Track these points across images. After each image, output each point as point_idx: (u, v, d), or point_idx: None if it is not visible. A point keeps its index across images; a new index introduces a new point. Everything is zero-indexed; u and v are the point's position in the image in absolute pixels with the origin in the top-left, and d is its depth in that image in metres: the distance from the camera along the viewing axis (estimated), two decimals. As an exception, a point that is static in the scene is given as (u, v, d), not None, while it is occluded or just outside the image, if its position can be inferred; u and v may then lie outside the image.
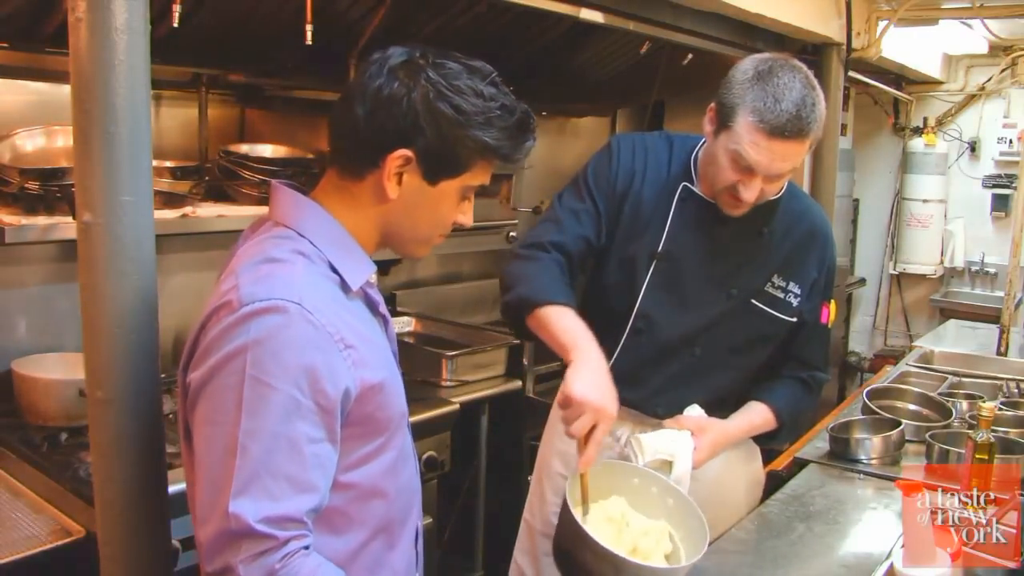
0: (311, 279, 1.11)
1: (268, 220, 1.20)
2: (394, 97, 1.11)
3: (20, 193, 1.99)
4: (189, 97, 2.66)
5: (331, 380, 1.07)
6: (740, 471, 1.90)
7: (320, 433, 1.06)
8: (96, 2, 1.20)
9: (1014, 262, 3.40)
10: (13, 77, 2.28)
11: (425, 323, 3.32)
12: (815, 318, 1.83)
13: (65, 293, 2.38)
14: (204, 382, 1.06)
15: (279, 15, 2.36)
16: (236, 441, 1.02)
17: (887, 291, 5.75)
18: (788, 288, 1.77)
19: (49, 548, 1.65)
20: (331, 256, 1.15)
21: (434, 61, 1.13)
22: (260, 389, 1.02)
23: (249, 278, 1.08)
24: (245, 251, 1.16)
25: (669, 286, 1.74)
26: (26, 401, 2.18)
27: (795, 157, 1.58)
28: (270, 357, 1.03)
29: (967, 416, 2.35)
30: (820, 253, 1.81)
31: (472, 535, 2.86)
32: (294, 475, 1.04)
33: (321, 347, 1.06)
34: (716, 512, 1.78)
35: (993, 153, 5.29)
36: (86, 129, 1.23)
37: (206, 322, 1.09)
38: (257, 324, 1.04)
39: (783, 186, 1.72)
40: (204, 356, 1.07)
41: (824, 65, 3.84)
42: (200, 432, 1.08)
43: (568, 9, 2.54)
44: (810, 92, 1.56)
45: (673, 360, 1.76)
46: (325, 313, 1.08)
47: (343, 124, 1.16)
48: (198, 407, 1.08)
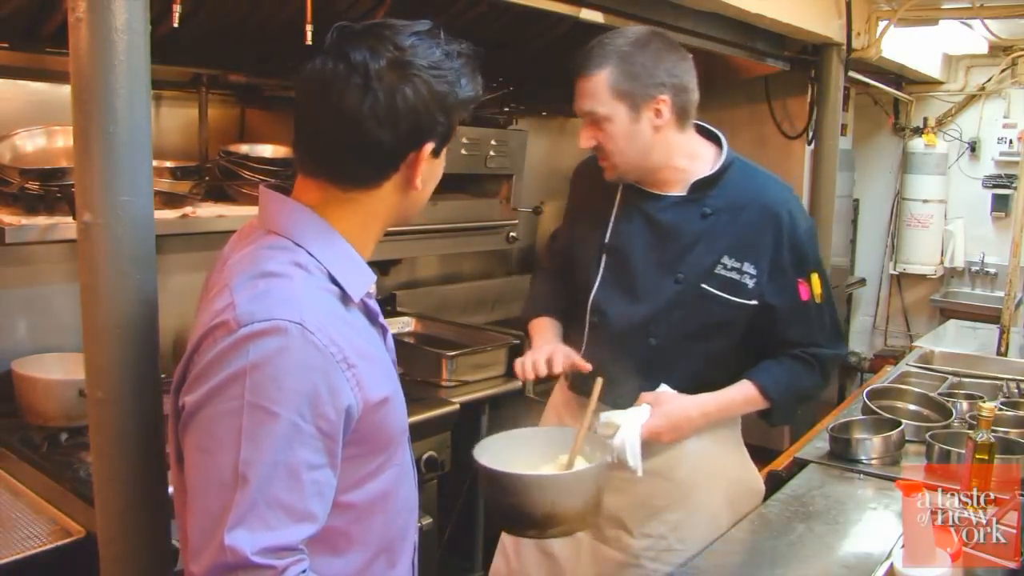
0: (311, 293, 1.06)
1: (259, 227, 1.14)
2: (409, 104, 1.07)
3: (20, 193, 1.99)
4: (189, 97, 2.65)
5: (333, 403, 1.02)
6: (719, 476, 1.85)
7: (320, 459, 1.02)
8: (96, 2, 1.20)
9: (1014, 262, 3.40)
10: (13, 77, 2.28)
11: (425, 323, 3.32)
12: (791, 298, 1.75)
13: (65, 293, 2.38)
14: (199, 407, 1.01)
15: (279, 15, 2.36)
16: (234, 471, 0.97)
17: (887, 291, 5.75)
18: (743, 269, 1.72)
19: (49, 548, 1.65)
20: (330, 266, 1.10)
21: (400, 46, 1.07)
22: (260, 416, 0.98)
23: (245, 295, 1.03)
24: (237, 263, 1.10)
25: (619, 278, 1.78)
26: (26, 401, 2.18)
27: (589, 95, 1.66)
28: (270, 382, 0.98)
29: (967, 416, 2.34)
30: (777, 230, 1.73)
31: (472, 535, 2.86)
32: (292, 505, 0.99)
33: (323, 369, 1.02)
34: (688, 515, 1.80)
35: (993, 153, 5.29)
36: (86, 129, 1.23)
37: (200, 342, 1.03)
38: (256, 347, 0.98)
39: (621, 144, 1.68)
40: (200, 380, 1.01)
41: (824, 65, 3.85)
42: (194, 460, 1.02)
43: (568, 9, 2.54)
44: (619, 38, 1.67)
45: (631, 351, 1.76)
46: (327, 331, 1.03)
47: (344, 143, 1.08)
48: (192, 433, 1.02)
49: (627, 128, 1.66)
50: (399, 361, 1.29)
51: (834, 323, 1.85)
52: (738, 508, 1.88)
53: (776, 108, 4.47)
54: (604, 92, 1.65)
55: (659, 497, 1.80)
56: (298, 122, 1.12)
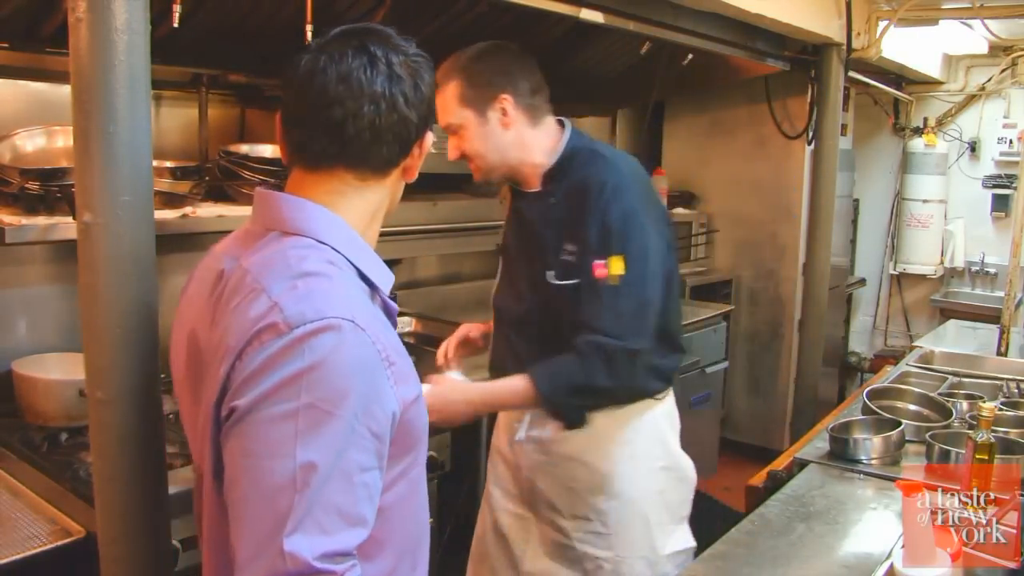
0: (351, 291, 1.05)
1: (263, 230, 1.11)
2: (427, 90, 1.13)
3: (20, 193, 1.99)
4: (189, 97, 2.66)
5: (381, 403, 1.01)
6: (639, 465, 1.92)
7: (371, 461, 1.00)
8: (96, 2, 1.20)
9: (1014, 262, 3.39)
10: (13, 77, 2.28)
11: (425, 323, 3.32)
12: (586, 275, 1.74)
13: (65, 293, 2.38)
14: (248, 411, 0.97)
15: (279, 15, 2.36)
16: (291, 476, 0.94)
17: (887, 291, 5.75)
18: (576, 253, 1.77)
19: (49, 548, 1.65)
20: (358, 262, 1.09)
21: (394, 44, 1.12)
22: (317, 417, 0.95)
23: (290, 297, 1.00)
24: (261, 267, 1.05)
25: (508, 277, 1.96)
26: (26, 401, 2.18)
27: (443, 109, 1.78)
28: (327, 382, 0.96)
29: (967, 416, 2.34)
30: (593, 205, 1.74)
31: (472, 535, 2.86)
32: (346, 508, 0.97)
33: (373, 368, 1.00)
34: (608, 500, 1.91)
35: (993, 153, 5.29)
36: (86, 129, 1.23)
37: (243, 350, 0.99)
38: (312, 346, 0.96)
39: (478, 147, 1.81)
40: (248, 385, 0.97)
41: (824, 65, 3.85)
42: (244, 466, 0.98)
43: (568, 9, 2.54)
44: (463, 54, 1.80)
45: (520, 345, 1.89)
46: (374, 328, 1.02)
47: (378, 123, 1.08)
48: (241, 439, 0.98)
49: (478, 131, 1.79)
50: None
51: (635, 314, 1.74)
52: (670, 498, 1.98)
53: (776, 108, 4.47)
54: (453, 103, 1.79)
55: (579, 481, 1.91)
56: (312, 112, 1.08)
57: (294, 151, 1.13)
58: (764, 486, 2.05)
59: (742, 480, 2.16)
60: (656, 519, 1.95)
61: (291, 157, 1.14)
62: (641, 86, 3.82)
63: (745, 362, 4.71)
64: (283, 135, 1.14)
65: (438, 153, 2.91)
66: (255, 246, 1.10)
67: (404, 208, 3.26)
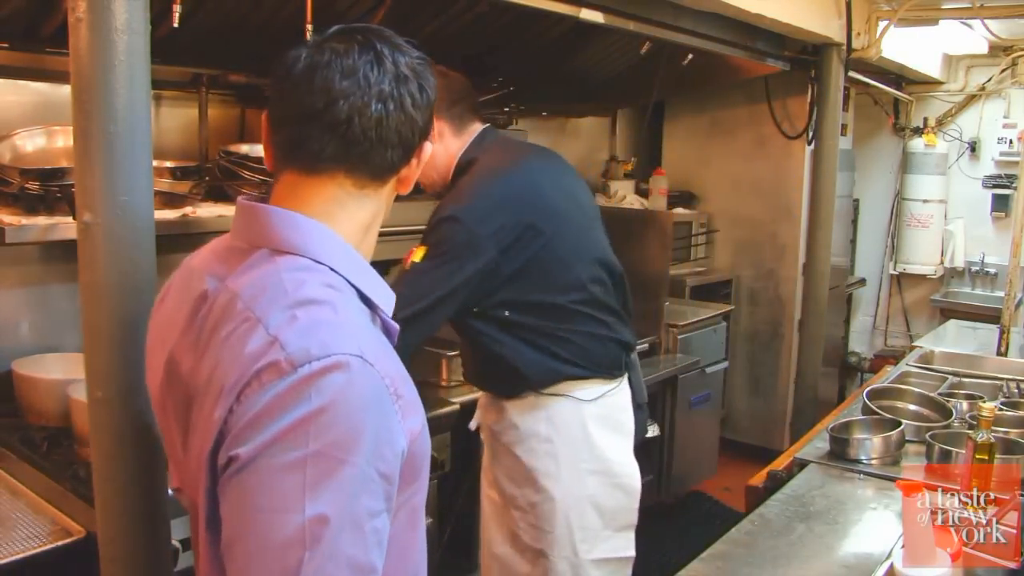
0: (356, 319, 0.96)
1: (249, 245, 1.02)
2: (431, 93, 1.07)
3: (20, 193, 1.99)
4: (189, 97, 2.66)
5: (391, 443, 0.92)
6: (568, 466, 1.94)
7: (380, 504, 0.92)
8: (96, 2, 1.20)
9: (1014, 262, 3.40)
10: (13, 77, 2.28)
11: (425, 323, 3.31)
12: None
13: (65, 293, 2.38)
14: (251, 461, 0.88)
15: (279, 15, 2.36)
16: (300, 530, 0.86)
17: (887, 291, 5.75)
18: None
19: (49, 548, 1.65)
20: (358, 282, 1.00)
21: (397, 44, 1.05)
22: (327, 465, 0.87)
23: (290, 329, 0.91)
24: (253, 292, 0.96)
25: None
26: (26, 401, 2.18)
27: None
28: (337, 426, 0.87)
29: (967, 416, 2.34)
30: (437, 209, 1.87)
31: (472, 535, 2.86)
32: (357, 559, 0.89)
33: (382, 406, 0.92)
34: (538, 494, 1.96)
35: (993, 153, 5.29)
36: (86, 129, 1.23)
37: (242, 391, 0.89)
38: (319, 388, 0.87)
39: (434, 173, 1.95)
40: (250, 431, 0.88)
41: (824, 65, 3.85)
42: (247, 520, 0.89)
43: (568, 9, 2.54)
44: None
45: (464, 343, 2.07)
46: (381, 361, 0.93)
47: (384, 123, 1.01)
48: (243, 491, 0.89)
49: None
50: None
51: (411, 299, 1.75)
52: (603, 503, 1.97)
53: (776, 108, 4.47)
54: None
55: (515, 472, 1.98)
56: (313, 108, 1.00)
57: (287, 152, 1.03)
58: (764, 486, 2.05)
59: (742, 480, 2.16)
60: (580, 522, 1.94)
61: (282, 160, 1.04)
62: (641, 86, 3.82)
63: (745, 362, 4.71)
64: (272, 136, 1.05)
65: (438, 153, 2.92)
66: (242, 266, 1.00)
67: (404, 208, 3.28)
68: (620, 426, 2.02)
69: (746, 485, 2.10)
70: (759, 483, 2.08)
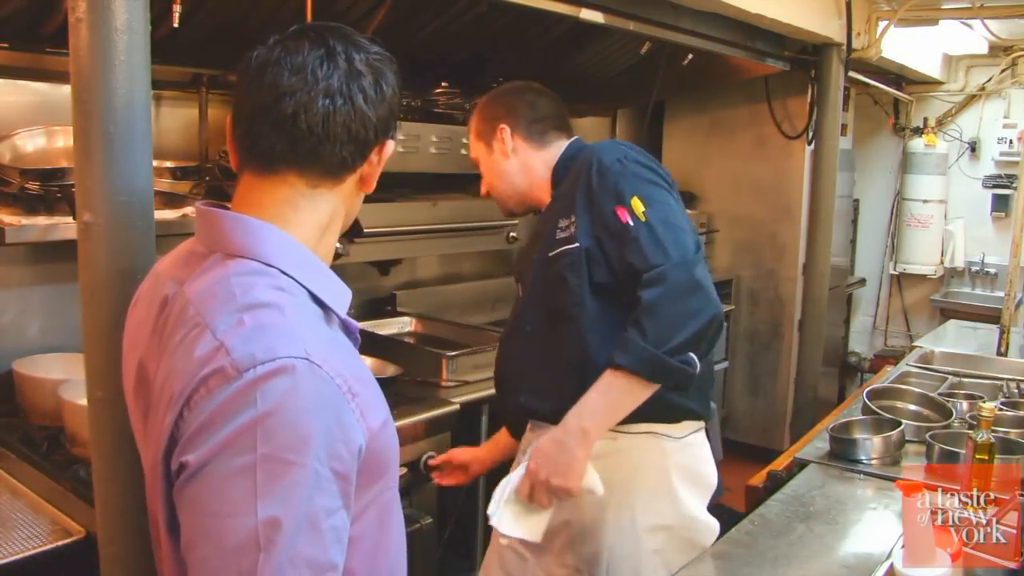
0: (305, 320, 0.96)
1: (207, 251, 1.02)
2: (390, 90, 1.06)
3: (20, 193, 1.99)
4: (189, 97, 2.66)
5: (345, 441, 0.92)
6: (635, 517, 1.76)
7: (336, 502, 0.92)
8: (96, 2, 1.20)
9: (1014, 262, 3.39)
10: (13, 77, 2.29)
11: (425, 323, 3.32)
12: (611, 225, 1.66)
13: (65, 293, 2.38)
14: (200, 467, 0.88)
15: (279, 15, 2.36)
16: (254, 533, 0.86)
17: (887, 291, 5.76)
18: (570, 223, 1.72)
19: (49, 548, 1.65)
20: (310, 284, 1.00)
21: (355, 40, 1.05)
22: (277, 469, 0.87)
23: (235, 334, 0.90)
24: (203, 297, 0.96)
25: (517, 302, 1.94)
26: (27, 401, 2.18)
27: (470, 146, 1.95)
28: (284, 429, 0.87)
29: (967, 416, 2.34)
30: (584, 176, 1.72)
31: (472, 535, 2.86)
32: (315, 558, 0.89)
33: (333, 405, 0.92)
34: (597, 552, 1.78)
35: (993, 153, 5.30)
36: (86, 129, 1.23)
37: (190, 397, 0.90)
38: (264, 392, 0.87)
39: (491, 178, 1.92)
40: (199, 437, 0.88)
41: (824, 65, 3.85)
42: (201, 525, 0.89)
43: (568, 9, 2.54)
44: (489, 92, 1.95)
45: (519, 344, 1.87)
46: (330, 361, 0.92)
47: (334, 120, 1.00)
48: (196, 497, 0.89)
49: (488, 161, 1.91)
50: (398, 362, 1.28)
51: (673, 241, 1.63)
52: (670, 559, 1.76)
53: (776, 108, 4.47)
54: (471, 138, 1.94)
55: (571, 527, 1.79)
56: (262, 106, 1.00)
57: (244, 153, 1.03)
58: (764, 486, 2.05)
59: (742, 480, 2.16)
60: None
61: (242, 161, 1.04)
62: (641, 86, 3.82)
63: (745, 362, 4.71)
64: (232, 135, 1.04)
65: (439, 154, 2.94)
66: (197, 270, 1.01)
67: (404, 208, 3.28)
68: (697, 475, 1.85)
69: (746, 485, 2.10)
70: (759, 483, 2.08)
